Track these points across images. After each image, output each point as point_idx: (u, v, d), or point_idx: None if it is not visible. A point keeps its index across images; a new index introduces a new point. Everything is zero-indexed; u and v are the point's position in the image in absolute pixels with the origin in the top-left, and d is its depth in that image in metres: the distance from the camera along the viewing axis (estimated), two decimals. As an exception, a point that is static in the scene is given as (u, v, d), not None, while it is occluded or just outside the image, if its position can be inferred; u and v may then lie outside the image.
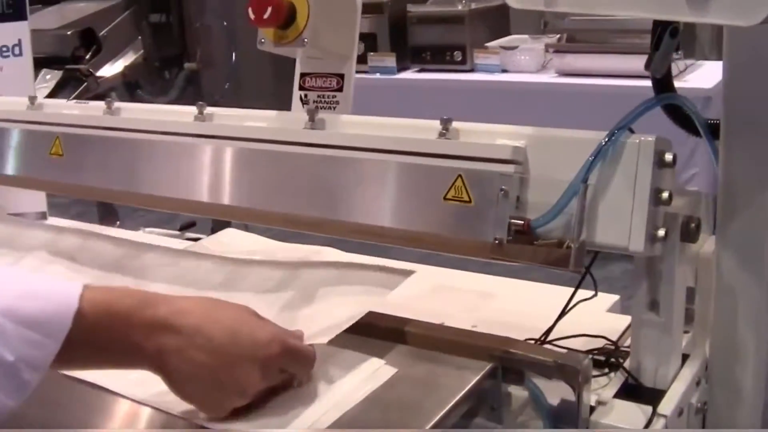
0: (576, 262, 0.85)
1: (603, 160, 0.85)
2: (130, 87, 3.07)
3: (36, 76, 2.73)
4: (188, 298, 0.88)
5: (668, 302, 0.91)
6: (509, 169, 0.89)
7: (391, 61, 3.92)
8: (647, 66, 0.87)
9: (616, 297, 1.24)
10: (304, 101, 1.10)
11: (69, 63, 2.80)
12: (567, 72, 3.47)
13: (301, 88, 1.10)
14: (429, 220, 0.93)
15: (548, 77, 3.56)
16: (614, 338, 1.05)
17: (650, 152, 0.84)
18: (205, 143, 1.08)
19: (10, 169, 1.30)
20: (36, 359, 0.76)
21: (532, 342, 1.03)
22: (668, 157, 0.85)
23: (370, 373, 0.90)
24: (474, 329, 1.14)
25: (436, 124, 0.94)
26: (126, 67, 2.99)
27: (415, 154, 0.94)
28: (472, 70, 3.78)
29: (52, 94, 2.60)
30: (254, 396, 0.84)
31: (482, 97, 3.60)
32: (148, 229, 1.79)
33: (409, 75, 3.95)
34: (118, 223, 2.45)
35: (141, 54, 2.99)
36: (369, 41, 3.95)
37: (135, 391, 0.89)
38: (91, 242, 1.26)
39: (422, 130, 0.95)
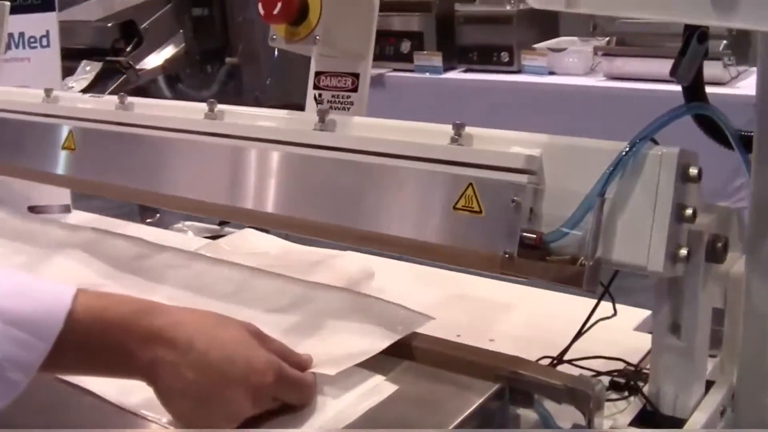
0: (589, 281, 0.79)
1: (622, 172, 0.80)
2: (171, 80, 3.05)
3: (76, 67, 2.74)
4: (189, 311, 0.84)
5: (691, 326, 0.84)
6: (522, 179, 0.83)
7: (437, 60, 3.86)
8: (672, 72, 0.81)
9: (647, 312, 1.18)
10: (318, 101, 1.05)
11: (109, 55, 2.79)
12: (616, 76, 3.38)
13: (315, 87, 1.06)
14: (437, 229, 0.88)
15: (596, 81, 3.48)
16: (638, 358, 0.99)
17: (673, 165, 0.78)
18: (214, 142, 1.04)
19: (24, 161, 1.28)
20: (24, 360, 0.72)
21: (550, 359, 0.98)
22: (693, 171, 0.79)
23: (369, 389, 0.86)
24: (491, 343, 1.10)
25: (449, 128, 0.89)
26: (166, 60, 2.96)
27: (424, 160, 0.89)
28: (519, 72, 3.71)
29: (91, 86, 2.57)
30: (242, 420, 0.80)
31: (528, 99, 3.53)
32: (188, 223, 1.76)
33: (455, 75, 3.89)
34: (158, 215, 2.43)
35: (182, 47, 2.96)
36: (415, 40, 3.91)
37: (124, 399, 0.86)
38: (104, 241, 1.23)
39: (434, 135, 0.90)
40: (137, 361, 0.78)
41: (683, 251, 0.80)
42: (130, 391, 0.84)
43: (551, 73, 3.62)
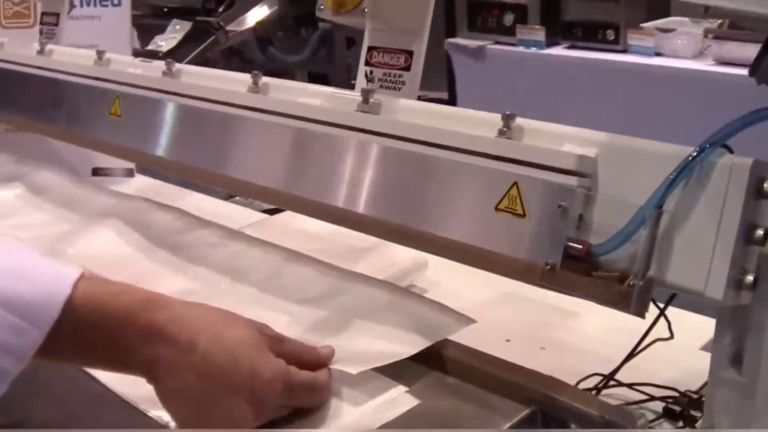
0: (638, 304, 0.70)
1: (686, 182, 0.70)
2: (263, 43, 3.01)
3: (166, 26, 2.74)
4: (195, 306, 0.77)
5: (755, 361, 0.74)
6: (572, 181, 0.74)
7: (540, 35, 3.71)
8: (752, 72, 0.70)
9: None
10: (368, 78, 0.98)
11: (200, 15, 2.77)
12: (726, 61, 3.18)
13: (367, 63, 0.98)
14: (475, 231, 0.80)
15: (705, 65, 3.28)
16: (701, 383, 0.89)
17: (744, 178, 0.67)
18: (251, 117, 0.98)
19: (72, 125, 1.24)
20: (15, 347, 0.66)
21: (600, 377, 0.89)
22: (769, 186, 0.69)
23: (388, 402, 0.78)
24: (542, 351, 1.01)
25: (498, 119, 0.81)
26: (258, 23, 2.93)
27: (468, 152, 0.81)
28: (624, 51, 3.54)
29: (179, 46, 2.57)
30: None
31: (632, 79, 3.36)
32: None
33: (558, 51, 3.73)
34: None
35: (275, 10, 2.93)
36: (519, 13, 3.77)
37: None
38: (148, 213, 1.19)
39: (481, 125, 0.82)
40: (136, 357, 0.72)
41: (749, 277, 0.69)
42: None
43: (658, 54, 3.44)
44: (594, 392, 0.87)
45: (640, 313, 0.71)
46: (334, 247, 1.15)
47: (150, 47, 2.59)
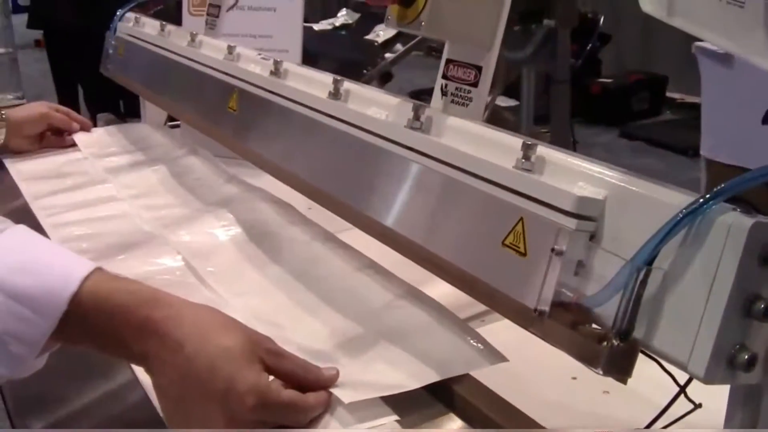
0: (610, 366, 0.63)
1: (684, 238, 0.62)
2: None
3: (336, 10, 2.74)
4: (193, 307, 0.79)
5: (767, 450, 0.64)
6: (570, 223, 0.68)
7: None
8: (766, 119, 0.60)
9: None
10: (443, 92, 0.94)
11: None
12: None
13: (443, 76, 0.94)
14: (482, 263, 0.75)
15: None
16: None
17: (741, 241, 0.58)
18: (325, 123, 0.99)
19: (199, 114, 1.30)
20: (26, 335, 0.73)
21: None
22: (777, 252, 0.59)
23: (374, 428, 0.76)
24: (604, 395, 0.94)
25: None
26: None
27: (486, 180, 0.76)
28: None
29: (392, 39, 2.62)
30: None
31: None
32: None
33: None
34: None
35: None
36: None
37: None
38: (262, 205, 1.22)
39: (505, 153, 0.76)
40: (132, 349, 0.76)
41: (744, 355, 0.60)
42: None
43: None
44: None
45: (620, 378, 0.64)
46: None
47: (370, 36, 2.65)
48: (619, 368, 0.63)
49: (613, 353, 0.63)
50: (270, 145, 1.10)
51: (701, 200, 0.61)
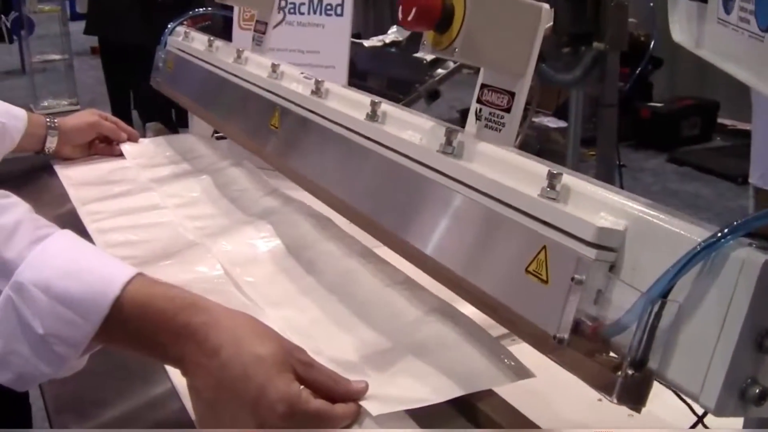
0: (623, 395, 0.64)
1: (700, 271, 0.63)
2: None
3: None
4: (231, 314, 0.82)
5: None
6: (591, 253, 0.69)
7: None
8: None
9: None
10: (477, 116, 0.96)
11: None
12: None
13: (478, 100, 0.97)
14: (506, 289, 0.77)
15: None
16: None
17: (753, 277, 0.60)
18: (364, 145, 1.02)
19: (242, 130, 1.33)
20: (69, 337, 0.76)
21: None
22: (792, 288, 0.60)
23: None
24: (629, 419, 0.95)
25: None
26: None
27: (512, 207, 0.78)
28: None
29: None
30: None
31: None
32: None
33: None
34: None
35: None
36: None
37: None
38: (300, 217, 1.25)
39: (531, 181, 0.78)
40: (170, 352, 0.79)
41: (755, 389, 0.61)
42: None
43: None
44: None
45: (634, 407, 0.66)
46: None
47: (419, 54, 2.66)
48: (634, 397, 0.65)
49: (628, 383, 0.64)
50: (308, 163, 1.13)
51: (719, 234, 0.62)
